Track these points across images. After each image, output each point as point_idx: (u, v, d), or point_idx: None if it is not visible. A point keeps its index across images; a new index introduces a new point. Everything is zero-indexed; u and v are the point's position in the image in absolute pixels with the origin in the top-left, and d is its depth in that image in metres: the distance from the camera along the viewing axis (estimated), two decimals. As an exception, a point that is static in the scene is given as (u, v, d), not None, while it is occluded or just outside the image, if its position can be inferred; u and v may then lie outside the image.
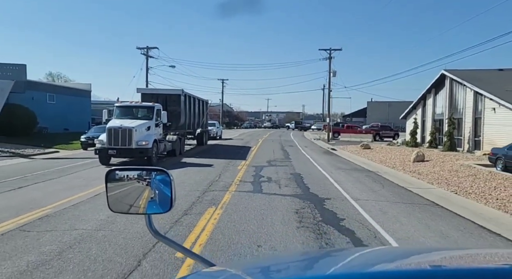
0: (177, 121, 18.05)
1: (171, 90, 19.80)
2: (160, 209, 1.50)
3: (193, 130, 21.91)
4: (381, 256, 1.35)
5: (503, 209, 8.13)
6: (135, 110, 15.99)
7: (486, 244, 5.85)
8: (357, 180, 12.19)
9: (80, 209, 7.33)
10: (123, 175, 1.54)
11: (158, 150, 15.07)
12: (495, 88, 18.17)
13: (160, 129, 15.98)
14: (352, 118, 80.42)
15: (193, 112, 21.25)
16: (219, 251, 5.11)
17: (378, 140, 34.66)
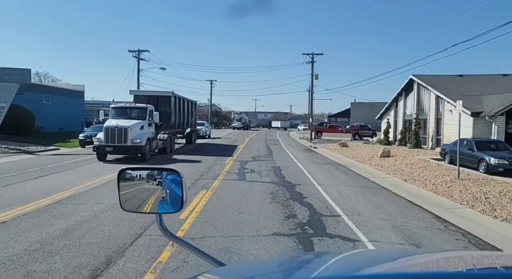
0: (167, 121, 19.50)
1: (162, 92, 21.19)
2: (171, 209, 1.51)
3: (183, 129, 23.32)
4: (361, 259, 1.35)
5: (434, 191, 10.33)
6: (129, 111, 17.35)
7: (405, 211, 7.97)
8: (327, 171, 14.30)
9: (98, 191, 9.18)
10: (135, 174, 1.56)
11: (151, 147, 16.54)
12: (453, 92, 20.56)
13: (152, 128, 17.43)
14: (336, 119, 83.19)
15: (183, 113, 22.69)
16: (210, 215, 7.07)
17: (357, 139, 36.98)
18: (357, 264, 1.20)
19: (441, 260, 1.24)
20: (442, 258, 1.30)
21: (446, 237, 6.14)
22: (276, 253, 5.13)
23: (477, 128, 17.99)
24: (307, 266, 1.21)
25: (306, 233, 6.15)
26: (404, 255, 1.42)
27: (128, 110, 17.44)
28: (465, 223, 7.02)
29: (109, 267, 4.43)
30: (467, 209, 8.27)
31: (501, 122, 17.38)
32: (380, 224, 6.82)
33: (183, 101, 22.66)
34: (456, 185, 10.77)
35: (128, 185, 1.54)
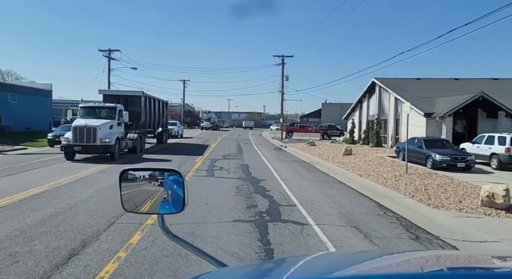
0: (137, 121, 19.72)
1: (132, 92, 21.34)
2: (173, 209, 1.49)
3: (154, 129, 23.48)
4: (362, 259, 1.35)
5: (383, 184, 11.48)
6: (98, 110, 17.47)
7: (354, 201, 8.99)
8: (292, 168, 15.26)
9: (71, 187, 9.61)
10: (137, 175, 1.56)
11: (120, 147, 16.68)
12: (410, 95, 22.19)
13: (122, 128, 17.59)
14: (308, 119, 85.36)
15: (153, 112, 22.87)
16: (179, 206, 7.76)
17: (326, 139, 38.51)
18: (360, 264, 1.20)
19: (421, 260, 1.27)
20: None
21: (382, 221, 7.16)
22: (234, 236, 5.90)
23: (430, 127, 19.61)
24: (310, 267, 1.20)
25: (263, 220, 6.97)
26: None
27: (97, 109, 17.53)
28: (402, 210, 8.10)
29: (85, 248, 5.05)
30: (408, 199, 9.41)
31: (449, 122, 19.07)
32: (329, 211, 7.77)
33: (153, 100, 22.90)
34: (403, 179, 11.99)
35: (130, 186, 1.54)
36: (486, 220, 7.34)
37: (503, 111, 18.52)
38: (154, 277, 4.16)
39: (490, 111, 19.10)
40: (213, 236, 5.86)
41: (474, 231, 6.58)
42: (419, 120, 20.53)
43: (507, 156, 13.51)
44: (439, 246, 5.68)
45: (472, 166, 13.70)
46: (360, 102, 30.38)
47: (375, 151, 21.81)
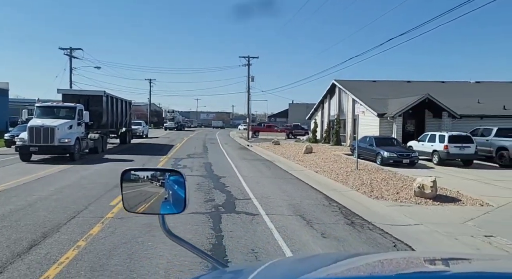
0: (99, 121, 19.55)
1: (93, 91, 21.07)
2: (174, 210, 1.50)
3: (117, 129, 23.25)
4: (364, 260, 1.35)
5: (335, 179, 12.43)
6: (57, 110, 17.16)
7: (305, 194, 9.80)
8: (253, 166, 15.95)
9: (30, 186, 9.70)
10: (138, 175, 1.56)
11: (80, 147, 16.51)
12: (366, 96, 23.63)
13: (82, 128, 17.38)
14: (276, 119, 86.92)
15: (116, 112, 22.68)
16: (139, 201, 8.18)
17: (291, 138, 39.67)
18: (360, 266, 1.20)
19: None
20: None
21: (325, 210, 7.99)
22: (190, 225, 6.44)
23: (383, 127, 21.05)
24: (312, 267, 1.19)
25: (218, 211, 7.57)
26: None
27: (55, 109, 17.23)
28: (345, 201, 8.99)
29: (46, 239, 5.41)
30: (353, 191, 10.36)
31: (399, 122, 20.59)
32: (280, 203, 8.50)
33: (116, 100, 22.73)
34: (353, 174, 13.02)
35: (131, 186, 1.55)
36: (415, 207, 8.37)
37: (446, 111, 20.28)
38: (112, 260, 4.64)
39: (435, 111, 20.84)
40: (170, 226, 6.26)
41: (402, 217, 7.54)
42: (373, 120, 21.96)
43: (445, 152, 14.97)
44: (369, 230, 6.54)
45: (416, 162, 15.04)
46: (322, 103, 31.71)
47: (334, 149, 23.03)
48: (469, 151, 14.81)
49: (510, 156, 14.41)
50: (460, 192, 9.70)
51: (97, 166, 14.03)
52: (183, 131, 58.83)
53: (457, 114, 20.25)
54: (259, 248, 5.37)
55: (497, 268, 1.16)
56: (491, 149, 15.34)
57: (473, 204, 8.65)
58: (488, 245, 5.78)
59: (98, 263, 4.53)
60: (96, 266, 4.43)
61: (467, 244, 5.82)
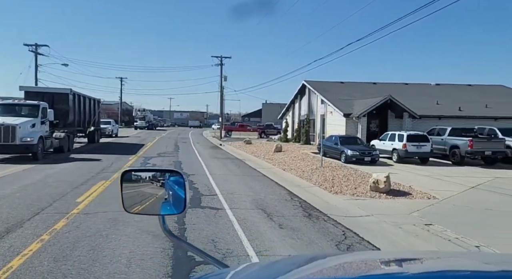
0: (65, 119, 19.19)
1: (58, 89, 20.53)
2: (174, 210, 1.49)
3: (84, 128, 22.82)
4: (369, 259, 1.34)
5: (300, 176, 13.00)
6: (19, 108, 16.66)
7: (269, 190, 10.26)
8: (223, 164, 16.29)
9: (-7, 184, 9.58)
10: (138, 176, 1.56)
11: (44, 146, 16.12)
12: (334, 97, 24.54)
13: (46, 126, 16.95)
14: (249, 118, 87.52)
15: (84, 111, 22.27)
16: (105, 198, 8.32)
17: (263, 137, 40.27)
18: (363, 266, 1.20)
19: None
20: None
21: (287, 204, 8.47)
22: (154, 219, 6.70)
23: (349, 126, 21.97)
24: (313, 268, 1.19)
25: (183, 207, 7.87)
26: None
27: (17, 107, 16.72)
28: (307, 196, 9.53)
29: (9, 234, 5.53)
30: (316, 187, 10.93)
31: (364, 122, 21.59)
32: (245, 198, 8.90)
33: (84, 98, 22.32)
34: (317, 171, 13.64)
35: (131, 187, 1.54)
36: (369, 201, 9.02)
37: (407, 112, 21.47)
38: (75, 252, 4.86)
39: (397, 112, 21.99)
40: (135, 220, 6.61)
41: (356, 209, 8.14)
42: (340, 119, 22.85)
43: (404, 151, 15.94)
44: (323, 221, 7.07)
45: (376, 160, 15.91)
46: (293, 103, 32.47)
47: (303, 148, 23.74)
48: (425, 149, 15.85)
49: (461, 154, 15.56)
50: (412, 187, 10.49)
51: (63, 165, 13.88)
52: (155, 130, 57.79)
53: (416, 115, 21.48)
54: (218, 238, 5.74)
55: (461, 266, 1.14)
56: (445, 147, 16.48)
57: (422, 197, 9.41)
58: (426, 232, 6.44)
59: (61, 255, 4.74)
60: (59, 257, 4.64)
61: (408, 232, 6.45)
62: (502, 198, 9.33)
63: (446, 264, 1.19)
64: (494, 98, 25.63)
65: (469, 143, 15.17)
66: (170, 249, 5.15)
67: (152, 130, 57.24)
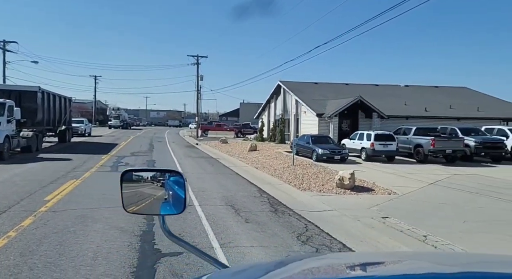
0: (33, 118, 18.69)
1: (26, 87, 19.98)
2: (174, 210, 1.50)
3: (54, 127, 22.27)
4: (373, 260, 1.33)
5: (272, 174, 13.37)
6: None
7: (240, 187, 10.56)
8: (197, 163, 16.45)
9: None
10: (138, 176, 1.57)
11: (10, 145, 15.72)
12: (307, 97, 25.16)
13: (12, 125, 16.54)
14: (227, 118, 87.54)
15: (54, 109, 21.75)
16: (74, 196, 8.36)
17: (240, 137, 40.51)
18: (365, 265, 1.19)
19: None
20: None
21: (255, 201, 8.79)
22: (124, 216, 6.84)
23: (321, 126, 22.60)
24: (314, 268, 1.19)
25: (154, 204, 8.03)
26: None
27: None
28: (276, 193, 9.89)
29: (-25, 232, 5.55)
30: (286, 184, 11.33)
31: (336, 122, 22.29)
32: (215, 195, 9.16)
33: (54, 97, 21.80)
34: (289, 169, 14.07)
35: (131, 186, 1.55)
36: (334, 197, 9.49)
37: (376, 112, 22.34)
38: (41, 247, 4.98)
39: (367, 112, 22.83)
40: (105, 217, 6.75)
41: (321, 205, 8.57)
42: (313, 119, 23.46)
43: (371, 149, 16.64)
44: (288, 215, 7.44)
45: (346, 158, 16.53)
46: (268, 103, 32.92)
47: (278, 147, 24.20)
48: (391, 148, 16.62)
49: (424, 152, 16.43)
50: (375, 184, 11.06)
51: (31, 165, 13.64)
52: (130, 129, 56.79)
53: (385, 115, 22.38)
54: (185, 232, 5.98)
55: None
56: (410, 146, 17.33)
57: (383, 193, 9.98)
58: (382, 224, 6.93)
59: (28, 250, 4.85)
60: (25, 252, 4.75)
61: (365, 224, 6.91)
62: (455, 193, 10.03)
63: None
64: (458, 99, 27.03)
65: (432, 142, 16.05)
66: (137, 243, 5.35)
67: (127, 129, 56.36)
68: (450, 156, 16.38)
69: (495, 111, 25.37)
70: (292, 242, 5.75)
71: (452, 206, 8.44)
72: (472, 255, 1.82)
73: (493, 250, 5.42)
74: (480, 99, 28.06)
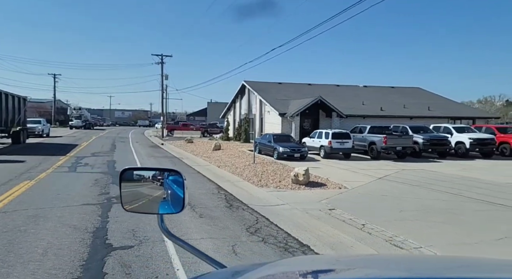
0: None
1: None
2: (172, 209, 1.50)
3: (7, 127, 21.45)
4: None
5: (233, 172, 13.71)
6: None
7: (200, 185, 10.83)
8: (159, 163, 16.47)
9: None
10: (137, 175, 1.58)
11: None
12: (271, 97, 25.75)
13: None
14: (195, 117, 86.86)
15: (6, 109, 20.97)
16: (27, 197, 8.27)
17: (206, 136, 40.49)
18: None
19: None
20: None
21: (212, 197, 9.11)
22: (78, 214, 6.93)
23: (284, 125, 23.25)
24: (314, 268, 1.18)
25: (110, 202, 8.12)
26: None
27: None
28: (233, 189, 10.25)
29: None
30: (245, 181, 11.71)
31: (297, 121, 23.03)
32: (173, 193, 9.36)
33: (6, 96, 20.91)
34: (250, 167, 14.48)
35: (130, 186, 1.56)
36: (289, 192, 10.00)
37: (335, 112, 23.33)
38: (-10, 246, 5.02)
39: (327, 112, 23.77)
40: (57, 216, 6.80)
41: (275, 199, 9.03)
42: (276, 119, 24.07)
43: (329, 147, 17.45)
44: (242, 210, 7.82)
45: (305, 156, 17.22)
46: (234, 102, 33.25)
47: (242, 146, 24.59)
48: (347, 145, 17.51)
49: (377, 149, 17.46)
50: (329, 179, 11.72)
51: None
52: (93, 130, 55.03)
53: (344, 114, 23.42)
54: (139, 228, 6.19)
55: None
56: (365, 144, 18.32)
57: (334, 188, 10.62)
58: (327, 215, 7.48)
59: (-25, 249, 4.88)
60: (-27, 251, 4.79)
61: (313, 216, 7.44)
62: (398, 186, 10.88)
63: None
64: (411, 99, 28.73)
65: (384, 140, 17.09)
66: (89, 239, 5.51)
67: (90, 129, 54.65)
68: (401, 152, 17.51)
69: (444, 110, 27.26)
70: (241, 233, 6.13)
71: (393, 197, 9.20)
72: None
73: (417, 234, 6.09)
74: (431, 99, 29.98)
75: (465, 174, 13.14)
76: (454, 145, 18.61)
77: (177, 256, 4.91)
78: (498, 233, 6.14)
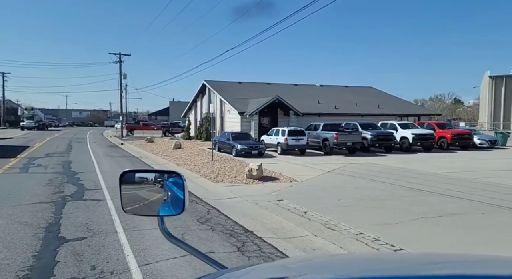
0: None
1: None
2: (173, 211, 1.51)
3: None
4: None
5: (191, 169, 14.05)
6: None
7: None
8: (117, 162, 16.40)
9: None
10: (137, 177, 1.58)
11: None
12: (231, 96, 26.23)
13: None
14: (157, 117, 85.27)
15: None
16: (-23, 198, 8.17)
17: (168, 135, 40.15)
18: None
19: None
20: None
21: (168, 193, 9.46)
22: (30, 212, 7.03)
23: (243, 123, 23.83)
24: (316, 268, 1.18)
25: (65, 200, 8.24)
26: None
27: None
28: (189, 185, 10.50)
29: None
30: (202, 178, 12.13)
31: (256, 119, 23.72)
32: (129, 190, 9.60)
33: None
34: (208, 164, 14.90)
35: (130, 188, 1.57)
36: (242, 187, 10.57)
37: (292, 110, 24.29)
38: None
39: (285, 110, 24.66)
40: (8, 214, 6.87)
41: (228, 193, 9.56)
42: (236, 117, 24.60)
43: (285, 144, 18.27)
44: (196, 203, 8.27)
45: (263, 153, 17.90)
46: (195, 101, 33.34)
47: (203, 145, 24.87)
48: (302, 142, 18.42)
49: (330, 145, 18.53)
50: (282, 174, 12.43)
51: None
52: (47, 130, 52.44)
53: (300, 113, 24.43)
54: (92, 222, 6.47)
55: None
56: (319, 140, 19.35)
57: (286, 181, 11.34)
58: (275, 206, 8.13)
59: None
60: None
61: (261, 206, 8.05)
62: (342, 178, 11.82)
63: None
64: (363, 97, 30.44)
65: (335, 136, 18.19)
66: (41, 234, 5.73)
67: (44, 130, 52.05)
68: (351, 148, 18.71)
69: (393, 108, 29.21)
70: (192, 223, 6.60)
71: (336, 188, 10.06)
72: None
73: (349, 218, 6.88)
74: (382, 98, 31.94)
75: (404, 166, 14.43)
76: (399, 140, 20.15)
77: (128, 245, 5.29)
78: (415, 214, 7.09)
